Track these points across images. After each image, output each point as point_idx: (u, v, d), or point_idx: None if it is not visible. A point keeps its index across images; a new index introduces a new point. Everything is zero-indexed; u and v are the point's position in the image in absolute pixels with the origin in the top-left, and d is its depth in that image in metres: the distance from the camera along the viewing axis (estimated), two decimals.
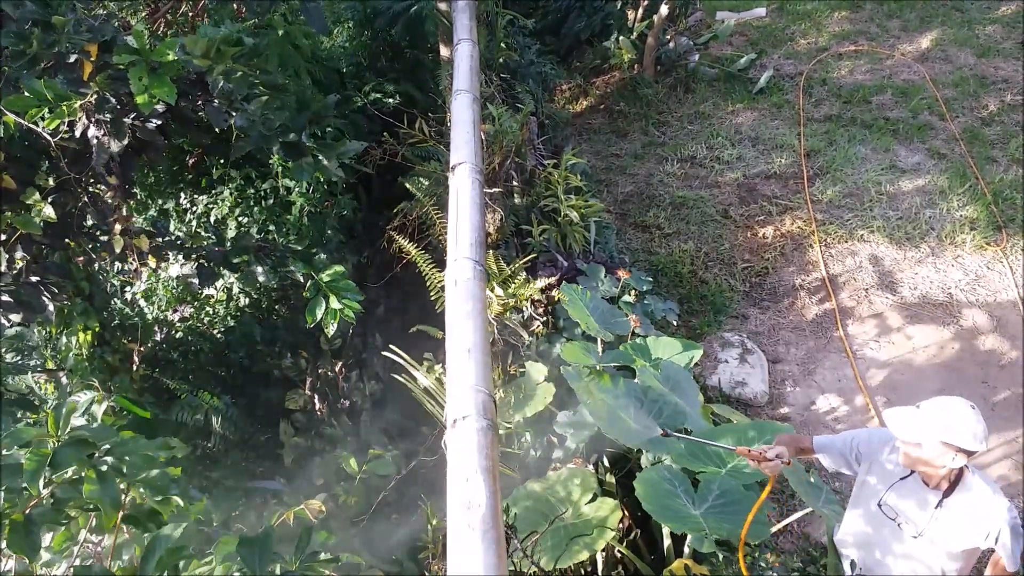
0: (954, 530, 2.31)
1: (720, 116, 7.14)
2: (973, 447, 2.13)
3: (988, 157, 6.15)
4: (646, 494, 2.63)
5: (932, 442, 2.16)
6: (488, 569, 1.38)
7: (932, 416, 2.17)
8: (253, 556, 1.59)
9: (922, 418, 2.18)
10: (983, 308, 4.97)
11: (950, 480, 2.28)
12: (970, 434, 2.12)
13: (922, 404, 2.21)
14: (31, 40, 2.16)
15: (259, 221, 4.40)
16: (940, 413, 2.16)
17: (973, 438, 2.12)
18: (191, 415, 3.99)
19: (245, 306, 4.55)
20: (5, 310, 2.55)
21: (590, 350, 3.36)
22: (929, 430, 2.16)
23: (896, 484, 2.39)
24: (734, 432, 2.93)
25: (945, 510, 2.31)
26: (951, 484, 2.28)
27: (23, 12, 2.23)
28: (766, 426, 2.98)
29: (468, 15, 3.85)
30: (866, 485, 2.50)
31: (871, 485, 2.48)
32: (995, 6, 8.27)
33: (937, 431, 2.15)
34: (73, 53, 2.21)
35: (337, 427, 4.09)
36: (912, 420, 2.20)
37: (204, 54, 2.33)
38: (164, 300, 4.56)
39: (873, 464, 2.47)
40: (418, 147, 4.89)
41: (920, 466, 2.26)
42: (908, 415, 2.22)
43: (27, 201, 2.45)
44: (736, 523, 2.56)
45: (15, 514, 1.50)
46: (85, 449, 1.58)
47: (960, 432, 2.13)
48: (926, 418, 2.17)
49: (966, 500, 2.28)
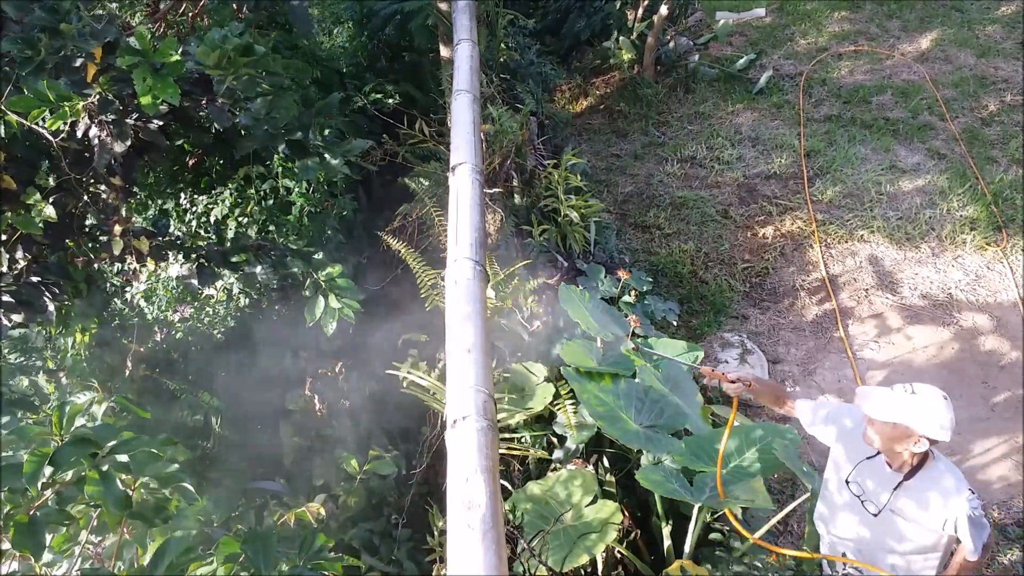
0: (910, 512, 2.37)
1: (720, 116, 7.15)
2: (938, 436, 2.19)
3: (988, 157, 6.15)
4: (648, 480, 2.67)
5: (899, 424, 2.22)
6: (488, 569, 1.38)
7: (903, 400, 2.22)
8: (258, 553, 1.60)
9: (893, 400, 2.23)
10: (983, 308, 4.97)
11: (912, 464, 2.34)
12: (937, 423, 2.17)
13: (895, 387, 2.26)
14: (39, 47, 2.17)
15: (259, 221, 4.40)
16: (911, 398, 2.21)
17: (939, 428, 2.17)
18: (191, 416, 3.99)
19: (245, 306, 4.55)
20: (6, 310, 2.55)
21: (590, 349, 3.35)
22: (898, 413, 2.21)
23: (863, 463, 2.47)
24: (740, 433, 2.96)
25: (903, 491, 2.37)
26: (913, 468, 2.34)
27: (31, 19, 2.23)
28: (771, 428, 2.99)
29: (468, 15, 3.84)
30: (836, 461, 2.59)
31: (840, 462, 2.56)
32: (995, 6, 8.27)
33: (905, 415, 2.20)
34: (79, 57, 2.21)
35: (337, 428, 4.09)
36: (883, 401, 2.25)
37: (216, 64, 2.33)
38: (164, 300, 4.56)
39: (845, 441, 2.54)
40: (418, 147, 4.89)
41: (883, 445, 2.32)
42: (880, 395, 2.27)
43: (27, 201, 2.46)
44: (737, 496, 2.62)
45: (19, 514, 1.50)
46: (87, 448, 1.58)
47: (927, 420, 2.18)
48: (897, 401, 2.22)
49: (925, 485, 2.34)
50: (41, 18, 2.23)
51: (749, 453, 2.90)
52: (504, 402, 3.30)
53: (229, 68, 2.35)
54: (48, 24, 2.23)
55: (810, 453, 4.21)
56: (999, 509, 3.86)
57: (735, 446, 2.93)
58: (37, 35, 2.22)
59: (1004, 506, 3.87)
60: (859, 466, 2.48)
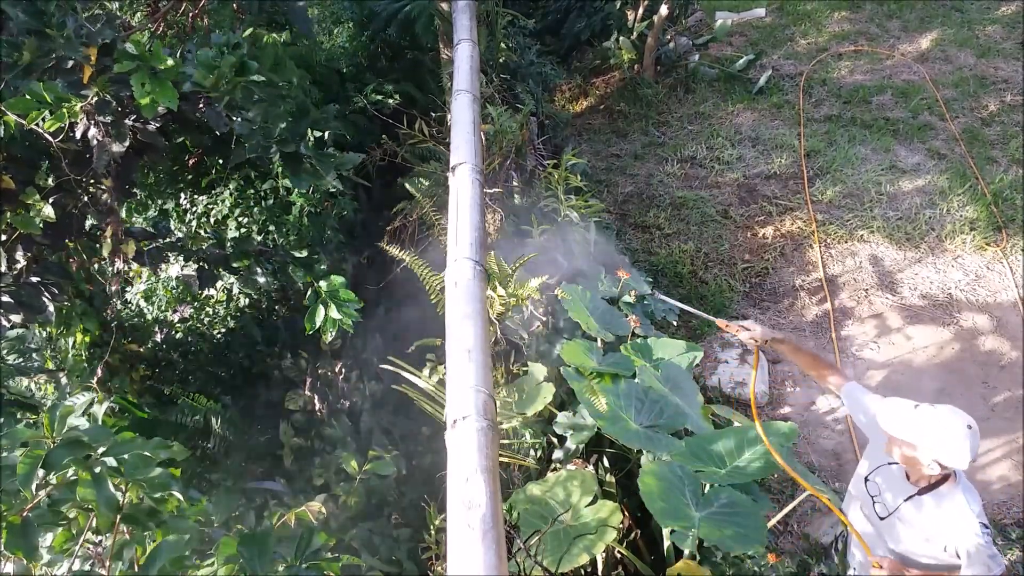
0: (915, 528, 2.33)
1: (720, 116, 7.15)
2: (949, 463, 2.13)
3: (988, 157, 6.15)
4: (652, 485, 2.63)
5: (917, 446, 2.16)
6: (488, 569, 1.38)
7: (926, 423, 2.15)
8: (254, 554, 1.60)
9: (915, 420, 2.17)
10: (983, 309, 4.97)
11: (930, 481, 2.28)
12: (955, 452, 2.10)
13: (921, 406, 2.20)
14: (23, 51, 2.17)
15: (259, 221, 4.41)
16: (934, 423, 2.14)
17: (957, 457, 2.10)
18: (190, 416, 3.99)
19: (245, 307, 4.56)
20: (5, 311, 2.55)
21: (591, 350, 3.35)
22: (918, 435, 2.15)
23: (884, 466, 2.44)
24: (738, 433, 2.95)
25: (912, 506, 2.33)
26: (930, 486, 2.29)
27: (17, 23, 2.23)
28: (770, 427, 2.99)
29: (468, 15, 3.84)
30: (868, 453, 2.57)
31: (870, 456, 2.55)
32: (995, 6, 8.27)
33: (924, 438, 2.14)
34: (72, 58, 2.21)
35: (337, 428, 4.09)
36: (905, 419, 2.20)
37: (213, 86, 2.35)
38: (164, 301, 4.56)
39: (875, 439, 2.50)
40: (418, 147, 4.89)
41: (900, 458, 2.28)
42: (903, 413, 2.21)
43: (27, 201, 2.46)
44: (737, 531, 2.56)
45: (12, 516, 1.50)
46: (80, 450, 1.58)
47: (946, 448, 2.11)
48: (919, 422, 2.16)
49: (936, 506, 2.28)
50: (25, 22, 2.22)
51: (748, 453, 2.89)
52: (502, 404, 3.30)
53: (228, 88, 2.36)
54: (33, 27, 2.23)
55: (810, 453, 4.21)
56: (999, 509, 3.86)
57: (733, 445, 2.93)
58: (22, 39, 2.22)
59: (1004, 506, 3.87)
60: (880, 468, 2.46)
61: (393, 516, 3.54)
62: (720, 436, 2.94)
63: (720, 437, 2.92)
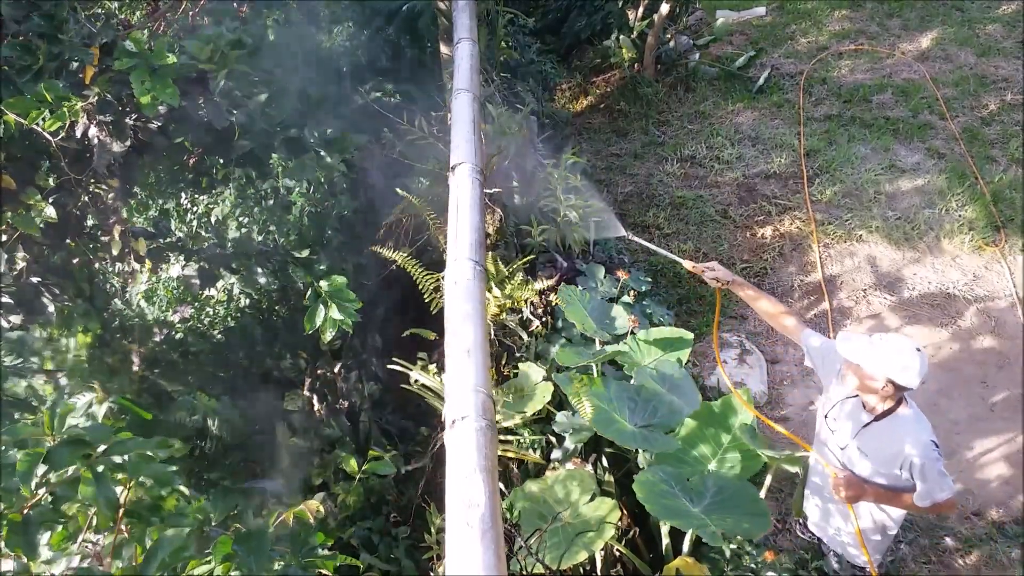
0: (871, 451, 2.55)
1: (720, 115, 7.15)
2: (901, 380, 2.36)
3: (988, 157, 6.15)
4: (646, 496, 2.65)
5: (864, 366, 2.40)
6: (487, 568, 1.39)
7: (879, 345, 2.40)
8: (250, 553, 1.60)
9: (870, 343, 2.42)
10: (981, 308, 4.97)
11: (886, 408, 2.50)
12: (900, 366, 2.34)
13: (875, 335, 2.48)
14: (37, 55, 2.18)
15: (260, 221, 4.41)
16: (887, 346, 2.39)
17: (902, 370, 2.34)
18: (189, 416, 3.99)
19: (245, 307, 4.56)
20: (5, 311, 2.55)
21: (582, 353, 3.38)
22: (872, 356, 2.39)
23: (842, 401, 2.67)
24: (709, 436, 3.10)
25: (869, 431, 2.55)
26: (884, 412, 2.51)
27: (28, 26, 2.24)
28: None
29: (468, 14, 3.84)
30: (825, 396, 2.79)
31: (827, 397, 2.77)
32: (995, 5, 8.27)
33: (872, 358, 2.39)
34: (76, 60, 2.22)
35: (335, 428, 4.10)
36: (856, 344, 2.44)
37: (208, 59, 2.35)
38: (164, 301, 4.57)
39: (834, 378, 2.71)
40: (417, 143, 4.88)
41: (858, 387, 2.49)
42: (856, 339, 2.46)
43: (27, 201, 2.46)
44: (736, 516, 2.62)
45: (12, 514, 1.51)
46: (81, 448, 1.59)
47: (892, 363, 2.36)
48: (868, 345, 2.42)
49: (889, 428, 2.51)
50: (39, 25, 2.23)
51: (729, 454, 2.98)
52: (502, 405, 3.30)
53: (222, 63, 2.36)
54: (46, 31, 2.24)
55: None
56: (998, 509, 3.86)
57: (708, 451, 3.02)
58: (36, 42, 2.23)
59: (1003, 506, 3.87)
60: (839, 404, 2.67)
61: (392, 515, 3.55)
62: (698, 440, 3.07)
63: (698, 441, 3.07)
